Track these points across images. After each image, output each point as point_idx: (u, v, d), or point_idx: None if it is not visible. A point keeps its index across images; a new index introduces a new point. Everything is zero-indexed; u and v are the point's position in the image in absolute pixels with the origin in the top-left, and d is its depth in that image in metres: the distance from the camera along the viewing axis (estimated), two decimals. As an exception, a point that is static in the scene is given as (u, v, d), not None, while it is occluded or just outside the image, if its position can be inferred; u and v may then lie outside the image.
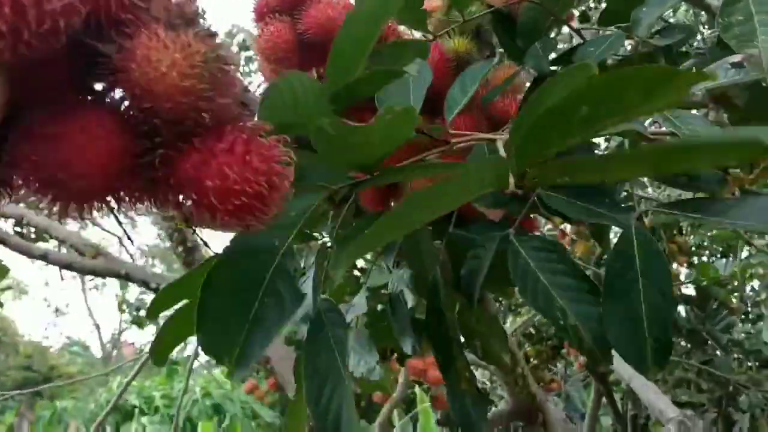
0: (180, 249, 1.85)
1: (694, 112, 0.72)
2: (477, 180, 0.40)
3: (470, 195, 0.51)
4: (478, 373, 2.78)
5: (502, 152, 0.56)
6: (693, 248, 2.36)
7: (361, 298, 0.88)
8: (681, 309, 2.39)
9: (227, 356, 0.43)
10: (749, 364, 2.78)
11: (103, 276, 2.16)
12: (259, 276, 0.46)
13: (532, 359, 2.46)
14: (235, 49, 4.36)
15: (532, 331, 2.50)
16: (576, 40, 0.92)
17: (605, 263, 0.55)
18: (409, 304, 0.84)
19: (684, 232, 2.35)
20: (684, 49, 0.80)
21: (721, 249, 2.90)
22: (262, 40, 0.78)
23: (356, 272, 1.16)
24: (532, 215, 0.75)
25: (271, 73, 0.85)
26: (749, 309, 2.96)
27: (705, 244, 2.75)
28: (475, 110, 0.83)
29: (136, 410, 6.76)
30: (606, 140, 1.98)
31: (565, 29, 1.30)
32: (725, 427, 2.27)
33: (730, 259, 2.76)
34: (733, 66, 0.64)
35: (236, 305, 0.45)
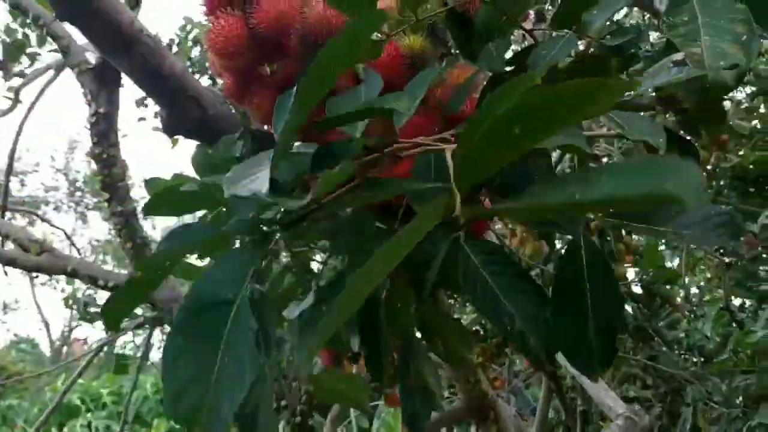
0: (128, 245, 1.81)
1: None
2: (428, 221, 0.40)
3: (422, 234, 0.50)
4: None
5: (450, 162, 0.56)
6: (640, 248, 2.41)
7: (310, 295, 0.88)
8: (628, 307, 2.45)
9: (196, 423, 0.42)
10: (694, 359, 2.87)
11: (49, 273, 2.09)
12: (217, 333, 0.44)
13: (477, 357, 2.48)
14: (189, 44, 4.28)
15: (479, 329, 2.53)
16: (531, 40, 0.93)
17: (555, 270, 0.56)
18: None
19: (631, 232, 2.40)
20: (633, 51, 0.81)
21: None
22: (212, 35, 0.77)
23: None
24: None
25: (221, 69, 0.83)
26: (694, 307, 3.05)
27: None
28: (430, 110, 0.83)
29: (83, 408, 6.59)
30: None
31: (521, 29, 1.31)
32: (669, 420, 2.33)
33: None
34: (675, 64, 0.66)
35: (198, 367, 0.43)
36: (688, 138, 0.74)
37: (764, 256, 2.66)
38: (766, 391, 1.74)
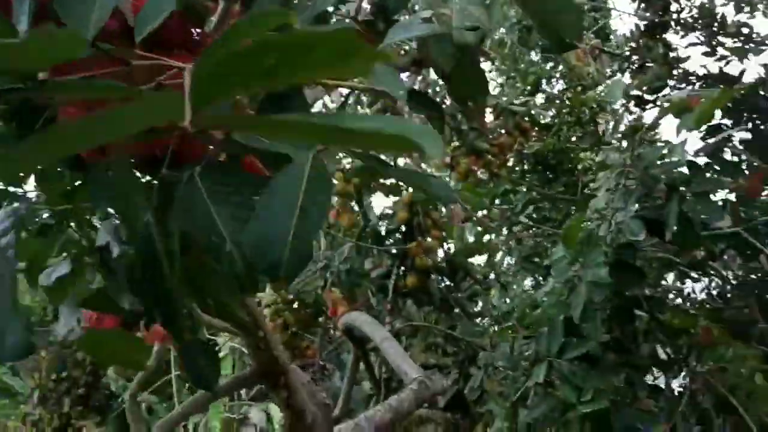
0: None
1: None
2: (150, 109, 0.37)
3: (141, 125, 0.48)
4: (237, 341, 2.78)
5: (187, 82, 0.54)
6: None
7: (65, 259, 0.81)
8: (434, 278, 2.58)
9: None
10: (495, 328, 3.10)
11: None
12: None
13: (291, 326, 2.49)
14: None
15: (292, 297, 2.54)
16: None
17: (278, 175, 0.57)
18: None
19: (438, 207, 2.53)
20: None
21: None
22: None
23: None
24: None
25: None
26: (497, 280, 3.29)
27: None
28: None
29: None
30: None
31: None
32: (465, 383, 2.50)
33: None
34: (423, 21, 0.70)
35: None
36: (436, 102, 0.78)
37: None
38: (539, 356, 1.93)
